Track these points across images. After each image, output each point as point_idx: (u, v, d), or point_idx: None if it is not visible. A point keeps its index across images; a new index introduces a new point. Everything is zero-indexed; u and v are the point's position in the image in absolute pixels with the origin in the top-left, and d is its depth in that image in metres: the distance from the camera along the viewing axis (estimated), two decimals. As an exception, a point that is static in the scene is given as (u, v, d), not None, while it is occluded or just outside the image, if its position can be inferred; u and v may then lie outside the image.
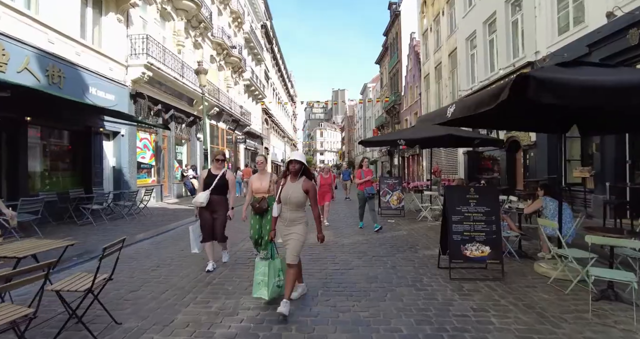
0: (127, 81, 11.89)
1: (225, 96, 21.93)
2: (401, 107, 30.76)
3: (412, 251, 5.76)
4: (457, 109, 4.06)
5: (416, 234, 7.24)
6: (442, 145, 10.20)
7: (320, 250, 5.76)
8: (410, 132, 9.18)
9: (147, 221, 9.09)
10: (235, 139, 25.04)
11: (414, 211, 10.67)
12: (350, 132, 73.54)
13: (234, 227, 7.75)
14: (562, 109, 4.56)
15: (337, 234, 7.22)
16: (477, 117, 4.77)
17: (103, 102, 10.43)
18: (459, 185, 6.98)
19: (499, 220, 4.45)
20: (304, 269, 4.65)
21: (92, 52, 10.16)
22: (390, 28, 34.50)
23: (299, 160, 3.55)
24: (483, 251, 4.34)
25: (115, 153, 11.62)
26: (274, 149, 43.68)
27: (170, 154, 15.60)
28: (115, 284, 4.11)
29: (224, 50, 21.76)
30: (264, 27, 35.88)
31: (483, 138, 9.16)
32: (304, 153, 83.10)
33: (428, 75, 23.28)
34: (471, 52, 16.98)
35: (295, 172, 3.51)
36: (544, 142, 10.92)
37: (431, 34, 22.58)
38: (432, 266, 4.80)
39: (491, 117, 4.88)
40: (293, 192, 3.46)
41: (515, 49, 13.05)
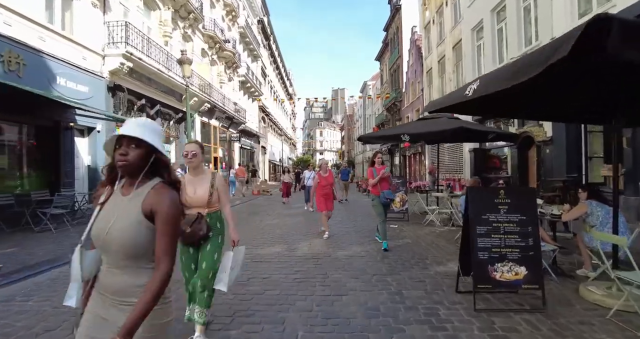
0: (104, 72, 10.86)
1: (218, 92, 20.90)
2: (402, 104, 29.72)
3: (421, 266, 4.73)
4: (482, 85, 3.04)
5: (424, 242, 6.21)
6: (451, 140, 9.17)
7: (309, 266, 4.73)
8: (415, 126, 8.15)
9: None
10: (229, 137, 23.99)
11: (418, 213, 9.65)
12: (350, 131, 72.49)
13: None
14: (615, 90, 3.54)
15: (330, 243, 6.19)
16: (500, 102, 3.77)
17: (75, 94, 9.41)
18: (480, 186, 5.94)
19: (537, 231, 3.43)
20: (285, 294, 3.64)
21: (60, 38, 9.13)
22: (391, 23, 33.44)
23: (137, 137, 1.31)
24: (517, 273, 3.32)
25: (91, 151, 10.60)
26: (272, 148, 42.66)
27: (156, 152, 14.55)
28: (30, 320, 3.08)
29: (217, 44, 20.72)
30: (260, 22, 34.82)
31: (498, 132, 8.13)
32: (305, 153, 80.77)
33: (430, 69, 22.24)
34: (477, 43, 15.96)
35: (128, 168, 1.32)
36: (562, 137, 9.89)
37: (434, 27, 21.54)
38: (449, 290, 3.77)
39: (517, 101, 3.86)
40: (118, 221, 1.31)
41: (527, 37, 12.01)
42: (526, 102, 4.03)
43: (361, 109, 55.40)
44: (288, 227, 8.00)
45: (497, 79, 2.90)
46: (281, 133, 49.47)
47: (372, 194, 5.79)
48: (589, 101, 3.95)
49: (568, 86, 3.49)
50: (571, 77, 3.13)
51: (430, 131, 7.28)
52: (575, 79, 3.21)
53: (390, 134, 8.42)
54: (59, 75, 8.98)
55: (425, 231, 7.35)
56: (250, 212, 11.39)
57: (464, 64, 17.12)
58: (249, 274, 4.37)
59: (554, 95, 3.75)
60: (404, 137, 7.68)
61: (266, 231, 7.54)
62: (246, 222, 9.00)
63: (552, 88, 3.46)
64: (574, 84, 3.34)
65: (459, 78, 18.03)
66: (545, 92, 3.56)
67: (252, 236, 6.96)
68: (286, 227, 8.00)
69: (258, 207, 12.73)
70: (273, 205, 12.74)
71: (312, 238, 6.66)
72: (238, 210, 11.90)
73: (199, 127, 18.77)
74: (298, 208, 12.31)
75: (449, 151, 18.88)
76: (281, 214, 10.50)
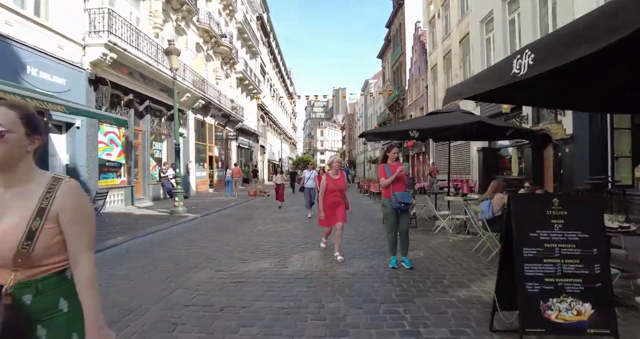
0: (84, 63, 10.00)
1: (214, 88, 20.03)
2: (405, 102, 28.83)
3: (439, 289, 3.84)
4: (540, 55, 2.14)
5: (438, 256, 5.33)
6: (466, 137, 8.24)
7: (300, 290, 3.85)
8: (424, 121, 7.25)
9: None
10: (226, 136, 23.15)
11: (426, 218, 8.77)
12: (351, 131, 71.58)
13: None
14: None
15: (327, 256, 5.30)
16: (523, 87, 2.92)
17: (49, 86, 8.56)
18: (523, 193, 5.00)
19: (607, 254, 2.55)
20: (265, 334, 2.75)
21: (31, 23, 8.26)
22: (393, 19, 32.55)
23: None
24: (580, 312, 2.44)
25: (69, 149, 9.74)
26: (271, 148, 41.79)
27: (145, 151, 13.72)
28: None
29: (212, 38, 19.86)
30: (259, 18, 33.95)
31: (517, 129, 7.24)
32: (306, 153, 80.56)
33: (435, 66, 21.34)
34: (487, 35, 15.06)
35: None
36: (584, 135, 8.99)
37: (439, 21, 20.65)
38: (481, 327, 2.89)
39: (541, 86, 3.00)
40: None
41: (543, 26, 11.11)
42: (553, 87, 3.15)
43: (362, 108, 54.48)
44: (282, 235, 7.11)
45: (563, 43, 2.01)
46: (281, 132, 48.59)
47: (384, 197, 4.67)
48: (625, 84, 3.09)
49: (605, 66, 2.62)
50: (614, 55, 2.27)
51: (443, 126, 6.38)
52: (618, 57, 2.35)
53: (396, 130, 7.51)
54: (29, 65, 8.12)
55: (438, 240, 6.45)
56: (242, 216, 10.51)
57: (472, 58, 16.22)
58: (225, 301, 3.50)
59: (588, 77, 2.88)
60: (412, 133, 6.79)
61: (256, 240, 6.66)
62: (235, 228, 8.13)
63: (588, 68, 2.60)
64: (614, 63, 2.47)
65: (467, 73, 17.13)
66: (578, 73, 2.70)
67: (239, 246, 6.08)
68: (280, 235, 7.12)
69: (252, 210, 11.85)
70: (269, 208, 11.87)
71: (307, 250, 5.78)
72: (229, 213, 11.05)
73: (192, 125, 17.91)
74: (295, 211, 11.43)
75: (456, 150, 18.00)
76: (276, 219, 9.62)
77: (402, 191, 4.50)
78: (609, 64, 2.69)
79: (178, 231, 7.68)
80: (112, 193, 11.48)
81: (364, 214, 10.41)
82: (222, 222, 9.04)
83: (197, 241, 6.61)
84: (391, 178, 4.49)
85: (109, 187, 11.40)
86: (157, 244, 6.38)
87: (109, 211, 10.84)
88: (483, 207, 4.98)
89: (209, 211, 11.04)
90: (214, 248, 5.92)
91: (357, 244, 6.12)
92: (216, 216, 10.27)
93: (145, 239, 6.80)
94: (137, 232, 7.24)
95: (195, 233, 7.45)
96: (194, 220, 9.41)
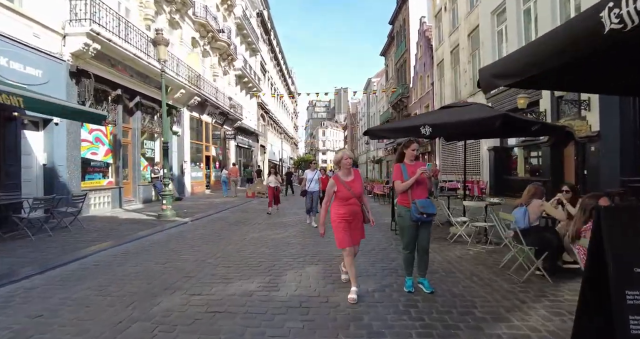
0: (64, 54, 9.19)
1: (210, 85, 19.22)
2: (409, 100, 27.95)
3: (471, 324, 2.99)
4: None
5: (460, 273, 4.47)
6: (485, 134, 7.36)
7: (292, 325, 2.99)
8: (439, 116, 6.37)
9: (59, 240, 6.33)
10: (223, 134, 22.34)
11: (439, 224, 7.90)
12: (353, 131, 70.73)
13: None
14: None
15: (328, 275, 4.45)
16: None
17: (22, 77, 7.75)
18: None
19: None
20: None
21: (2, 9, 7.46)
22: (397, 15, 31.69)
23: None
24: None
25: (47, 147, 8.92)
26: (272, 148, 40.98)
27: (135, 150, 12.91)
28: None
29: (209, 33, 19.05)
30: (259, 15, 33.13)
31: (544, 124, 6.37)
32: (307, 153, 79.45)
33: (442, 61, 20.47)
34: (498, 27, 14.18)
35: None
36: (614, 132, 8.11)
37: (445, 14, 19.78)
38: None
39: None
40: None
41: (564, 12, 10.23)
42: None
43: (365, 107, 53.60)
44: (276, 245, 6.27)
45: None
46: (282, 132, 47.77)
47: (399, 205, 3.73)
48: None
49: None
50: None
51: (461, 121, 5.51)
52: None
53: (405, 126, 6.62)
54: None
55: (456, 252, 5.59)
56: (236, 220, 9.67)
57: (481, 52, 15.34)
58: (192, 343, 2.66)
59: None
60: (425, 129, 5.92)
61: (246, 251, 5.82)
62: (226, 235, 7.29)
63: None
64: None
65: (476, 68, 16.25)
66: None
67: (225, 259, 5.24)
68: (274, 245, 6.27)
69: (248, 214, 11.01)
70: (266, 211, 11.01)
71: (304, 265, 4.93)
72: (223, 217, 10.21)
73: (188, 123, 17.10)
74: (294, 215, 10.58)
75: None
76: (271, 225, 8.77)
77: (424, 198, 3.61)
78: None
79: (161, 239, 6.84)
80: (97, 195, 10.70)
81: (369, 219, 9.56)
82: (213, 228, 8.20)
83: (179, 251, 5.78)
84: (409, 181, 3.57)
85: (94, 188, 10.62)
86: (133, 255, 5.55)
87: (93, 214, 10.07)
88: (517, 215, 4.12)
89: (200, 215, 10.21)
90: (196, 262, 5.09)
91: (364, 257, 5.25)
92: (207, 221, 9.44)
93: (121, 249, 5.97)
94: (115, 240, 6.42)
95: (179, 241, 6.61)
96: (182, 225, 8.58)
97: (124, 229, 7.59)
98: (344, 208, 3.61)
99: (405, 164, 3.73)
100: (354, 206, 3.63)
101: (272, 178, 10.91)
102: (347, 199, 3.60)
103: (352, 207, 3.62)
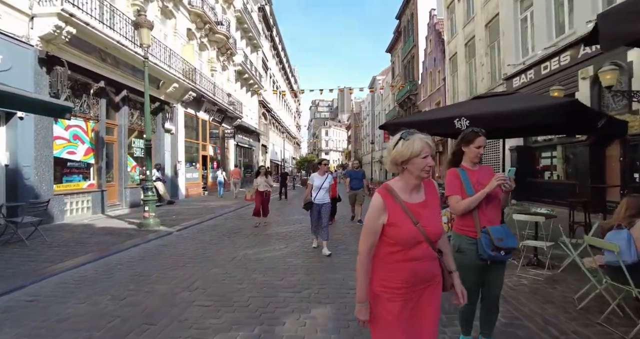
0: (32, 38, 7.99)
1: (208, 80, 18.00)
2: (418, 97, 26.63)
3: None
4: None
5: (526, 319, 3.21)
6: (539, 130, 5.82)
7: None
8: (476, 106, 5.05)
9: (12, 257, 5.09)
10: (222, 133, 21.12)
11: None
12: (356, 130, 69.40)
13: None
14: None
15: (340, 319, 3.20)
16: None
17: (-25, 63, 6.56)
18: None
19: None
20: None
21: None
22: (405, 9, 30.36)
23: None
24: None
25: (10, 145, 7.71)
26: (274, 147, 39.75)
27: (121, 149, 11.70)
28: None
29: (206, 25, 17.84)
30: (261, 9, 31.91)
31: (612, 119, 5.05)
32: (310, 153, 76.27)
33: (455, 55, 19.14)
34: (522, 15, 12.85)
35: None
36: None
37: (459, 5, 18.45)
38: None
39: None
40: None
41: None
42: None
43: (369, 106, 52.23)
44: (273, 269, 4.99)
45: None
46: (284, 131, 46.54)
47: (456, 234, 2.45)
48: None
49: None
50: None
51: (513, 110, 4.22)
52: None
53: (434, 118, 5.28)
54: (-58, 33, 6.12)
55: (505, 280, 4.29)
56: (229, 229, 8.41)
57: (502, 43, 14.01)
58: None
59: None
60: (460, 123, 4.60)
61: (233, 279, 4.55)
62: (213, 251, 6.02)
63: None
64: None
65: (494, 61, 14.94)
66: None
67: (204, 291, 3.98)
68: (270, 268, 4.99)
69: (244, 221, 9.72)
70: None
71: (311, 303, 3.66)
72: (215, 225, 8.94)
73: (182, 120, 15.88)
74: (295, 224, 9.31)
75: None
76: (269, 237, 7.50)
77: (498, 226, 2.33)
78: None
79: (133, 257, 5.60)
80: (75, 200, 9.50)
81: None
82: (200, 240, 6.95)
83: (149, 277, 4.53)
84: (477, 196, 2.27)
85: (72, 192, 9.42)
86: (89, 283, 4.31)
87: (69, 221, 8.87)
88: (620, 244, 2.82)
89: (190, 222, 8.97)
90: (166, 296, 3.83)
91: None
92: (196, 230, 8.19)
93: (76, 273, 4.73)
94: (73, 259, 5.18)
95: (154, 261, 5.36)
96: (165, 236, 7.34)
97: (92, 243, 6.36)
98: (403, 268, 1.62)
99: (466, 170, 2.44)
100: (424, 262, 1.64)
101: (262, 180, 8.74)
102: (412, 245, 1.61)
103: (422, 265, 1.64)
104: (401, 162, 1.63)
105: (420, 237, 1.61)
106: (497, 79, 14.61)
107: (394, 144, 1.66)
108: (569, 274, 4.48)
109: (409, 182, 1.66)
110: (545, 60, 11.04)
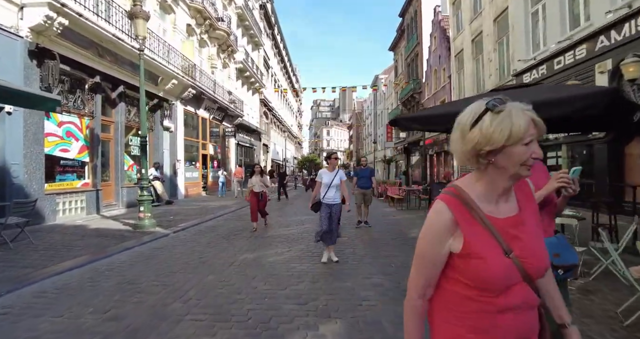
0: (21, 29, 7.59)
1: (208, 78, 17.60)
2: (422, 96, 26.17)
3: None
4: None
5: None
6: (574, 126, 5.24)
7: None
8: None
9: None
10: (223, 132, 20.72)
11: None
12: (358, 130, 68.92)
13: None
14: None
15: (349, 338, 2.76)
16: None
17: (-41, 54, 6.16)
18: None
19: None
20: None
21: None
22: (408, 7, 29.89)
23: None
24: None
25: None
26: (275, 147, 39.35)
27: (118, 146, 11.30)
28: None
29: (206, 20, 17.44)
30: (263, 7, 31.52)
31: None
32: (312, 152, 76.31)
33: (461, 52, 18.68)
34: (533, 8, 12.38)
35: None
36: None
37: (465, 0, 17.98)
38: None
39: None
40: None
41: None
42: None
43: (371, 106, 51.77)
44: (275, 276, 4.55)
45: None
46: (285, 130, 46.14)
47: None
48: None
49: None
50: None
51: (546, 101, 3.78)
52: None
53: (453, 111, 4.89)
54: None
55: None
56: (228, 231, 7.99)
57: (512, 38, 13.53)
58: None
59: None
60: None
61: (231, 288, 4.12)
62: (210, 255, 5.59)
63: None
64: None
65: (503, 57, 14.47)
66: None
67: (196, 305, 3.55)
68: (272, 275, 4.56)
69: (244, 222, 9.26)
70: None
71: (318, 319, 3.23)
72: (214, 226, 8.52)
73: (181, 118, 15.47)
74: (298, 224, 8.88)
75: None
76: (271, 239, 7.08)
77: (553, 236, 1.82)
78: None
79: (123, 262, 5.18)
80: (68, 199, 9.10)
81: (390, 232, 7.84)
82: (198, 243, 6.53)
83: (138, 285, 4.10)
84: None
85: (65, 191, 9.02)
86: (72, 292, 3.89)
87: (61, 222, 8.47)
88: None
89: (188, 223, 8.55)
90: (155, 308, 3.41)
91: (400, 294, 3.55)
92: (194, 232, 7.77)
93: (59, 280, 4.31)
94: (58, 264, 4.77)
95: (145, 267, 4.94)
96: (161, 239, 6.92)
97: (82, 246, 5.94)
98: (493, 326, 0.96)
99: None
100: (523, 314, 0.98)
101: (256, 180, 7.99)
102: (503, 289, 0.96)
103: (521, 318, 0.98)
104: (487, 153, 0.96)
105: (516, 276, 0.96)
106: (505, 75, 14.15)
107: (473, 120, 0.96)
108: (602, 282, 4.05)
109: (497, 184, 0.99)
110: (558, 54, 10.57)
